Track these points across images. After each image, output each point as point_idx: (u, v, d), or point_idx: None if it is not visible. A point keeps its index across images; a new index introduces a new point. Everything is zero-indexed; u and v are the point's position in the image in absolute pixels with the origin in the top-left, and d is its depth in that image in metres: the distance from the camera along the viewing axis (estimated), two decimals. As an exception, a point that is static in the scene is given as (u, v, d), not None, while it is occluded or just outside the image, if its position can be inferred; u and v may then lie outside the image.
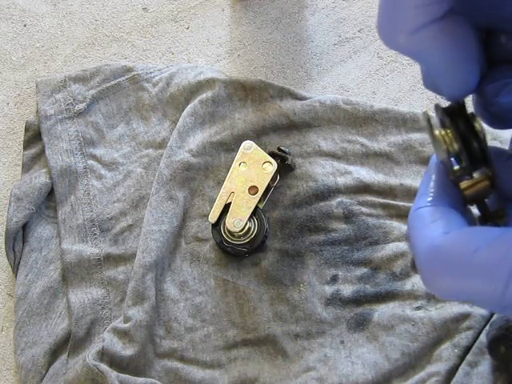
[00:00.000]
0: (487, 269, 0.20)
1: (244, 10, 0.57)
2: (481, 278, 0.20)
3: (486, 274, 0.20)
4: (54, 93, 0.53)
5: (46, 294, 0.48)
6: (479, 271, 0.20)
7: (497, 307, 0.21)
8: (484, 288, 0.20)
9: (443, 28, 0.21)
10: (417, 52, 0.22)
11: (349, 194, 0.49)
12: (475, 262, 0.20)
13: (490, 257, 0.20)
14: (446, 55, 0.22)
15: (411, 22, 0.21)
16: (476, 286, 0.20)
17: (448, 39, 0.21)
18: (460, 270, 0.21)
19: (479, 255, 0.20)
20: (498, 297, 0.20)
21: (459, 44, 0.22)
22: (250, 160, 0.48)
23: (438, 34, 0.21)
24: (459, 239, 0.21)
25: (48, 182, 0.50)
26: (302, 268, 0.47)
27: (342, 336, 0.45)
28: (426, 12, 0.21)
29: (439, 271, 0.21)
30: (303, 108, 0.51)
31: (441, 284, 0.21)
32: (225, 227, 0.47)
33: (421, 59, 0.22)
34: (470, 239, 0.21)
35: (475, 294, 0.21)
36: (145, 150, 0.52)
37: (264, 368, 0.45)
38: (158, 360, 0.46)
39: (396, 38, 0.22)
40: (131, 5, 0.58)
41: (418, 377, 0.43)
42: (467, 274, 0.20)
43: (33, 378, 0.46)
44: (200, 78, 0.52)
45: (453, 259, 0.21)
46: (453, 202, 0.24)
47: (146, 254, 0.47)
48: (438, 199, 0.24)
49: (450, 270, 0.21)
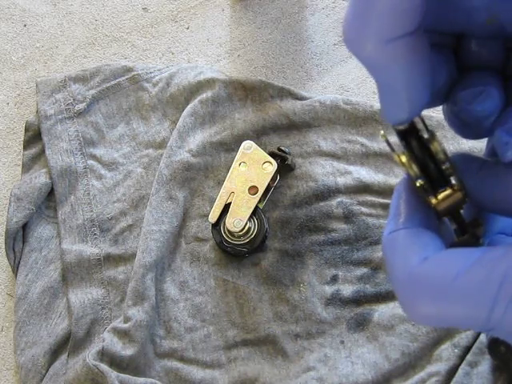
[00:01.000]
0: (469, 296, 0.19)
1: (244, 10, 0.57)
2: (463, 305, 0.20)
3: (469, 301, 0.19)
4: (54, 93, 0.53)
5: (46, 294, 0.48)
6: (461, 299, 0.20)
7: (483, 329, 0.20)
8: (468, 314, 0.20)
9: (412, 43, 0.20)
10: (381, 64, 0.20)
11: (349, 193, 0.49)
12: (456, 290, 0.20)
13: (471, 283, 0.19)
14: (408, 72, 0.21)
15: (385, 31, 0.20)
16: (459, 313, 0.20)
17: (414, 56, 0.20)
18: (440, 298, 0.20)
19: (459, 282, 0.19)
20: (483, 321, 0.19)
21: (421, 62, 0.21)
22: (250, 160, 0.48)
23: (406, 48, 0.20)
24: (437, 266, 0.20)
25: (48, 182, 0.50)
26: (302, 268, 0.47)
27: (342, 336, 0.45)
28: (402, 23, 0.20)
29: (418, 300, 0.20)
30: (303, 108, 0.51)
31: (420, 312, 0.20)
32: (225, 227, 0.47)
33: (381, 73, 0.21)
34: (449, 265, 0.20)
35: (458, 321, 0.20)
36: (145, 150, 0.52)
37: (264, 368, 0.45)
38: (158, 360, 0.46)
39: (364, 46, 0.20)
40: (131, 5, 0.58)
41: (417, 377, 0.43)
42: (448, 303, 0.20)
43: (33, 378, 0.46)
44: (200, 78, 0.52)
45: (432, 288, 0.20)
46: (426, 221, 0.23)
47: (145, 254, 0.47)
48: (410, 220, 0.22)
49: (429, 299, 0.20)
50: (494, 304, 0.19)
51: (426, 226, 0.22)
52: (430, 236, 0.22)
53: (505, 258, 0.19)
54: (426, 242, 0.21)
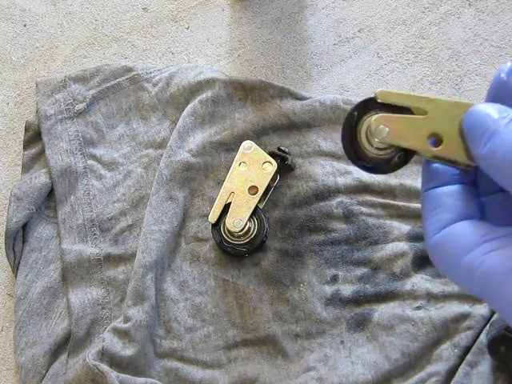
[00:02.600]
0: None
1: (244, 10, 0.57)
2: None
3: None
4: (54, 93, 0.53)
5: (46, 294, 0.48)
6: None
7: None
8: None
9: None
10: None
11: (349, 193, 0.49)
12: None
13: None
14: None
15: None
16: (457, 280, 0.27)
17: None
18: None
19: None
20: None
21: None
22: (250, 160, 0.48)
23: None
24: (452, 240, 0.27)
25: (48, 182, 0.50)
26: (302, 268, 0.47)
27: (342, 336, 0.45)
28: None
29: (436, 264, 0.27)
30: (303, 108, 0.51)
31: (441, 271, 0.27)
32: (225, 227, 0.47)
33: None
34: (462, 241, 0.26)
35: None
36: (145, 150, 0.52)
37: (264, 368, 0.45)
38: (158, 360, 0.46)
39: None
40: (131, 5, 0.58)
41: (417, 377, 0.43)
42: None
43: (33, 377, 0.46)
44: (200, 78, 0.52)
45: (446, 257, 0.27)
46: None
47: (146, 254, 0.47)
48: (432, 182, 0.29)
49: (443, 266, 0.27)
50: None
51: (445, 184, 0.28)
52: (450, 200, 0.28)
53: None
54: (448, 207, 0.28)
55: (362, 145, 0.31)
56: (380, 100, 0.30)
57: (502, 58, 0.53)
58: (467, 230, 0.26)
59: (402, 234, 0.47)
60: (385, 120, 0.29)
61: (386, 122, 0.29)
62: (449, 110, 0.28)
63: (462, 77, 0.53)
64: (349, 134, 0.31)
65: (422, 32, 0.55)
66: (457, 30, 0.54)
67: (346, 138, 0.31)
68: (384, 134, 0.29)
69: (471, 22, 0.55)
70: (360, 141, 0.31)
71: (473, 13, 0.55)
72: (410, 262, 0.46)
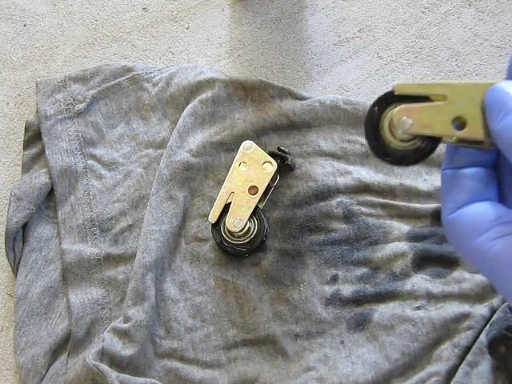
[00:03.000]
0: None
1: (244, 10, 0.57)
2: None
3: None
4: (54, 93, 0.53)
5: (46, 294, 0.48)
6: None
7: None
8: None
9: None
10: None
11: (349, 193, 0.49)
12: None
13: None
14: None
15: None
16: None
17: None
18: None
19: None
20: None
21: None
22: (250, 160, 0.48)
23: None
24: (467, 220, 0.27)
25: (48, 182, 0.50)
26: (302, 268, 0.47)
27: (342, 336, 0.45)
28: None
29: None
30: (303, 108, 0.51)
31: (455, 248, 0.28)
32: (225, 227, 0.47)
33: None
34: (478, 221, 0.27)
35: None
36: (145, 150, 0.52)
37: (264, 368, 0.45)
38: (158, 360, 0.46)
39: None
40: (131, 5, 0.58)
41: (417, 377, 0.43)
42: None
43: (33, 377, 0.46)
44: (200, 78, 0.52)
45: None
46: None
47: (145, 254, 0.47)
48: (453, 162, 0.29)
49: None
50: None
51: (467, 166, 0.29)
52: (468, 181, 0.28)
53: None
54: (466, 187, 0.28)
55: (387, 139, 0.31)
56: (397, 93, 0.30)
57: (502, 58, 0.53)
58: (481, 211, 0.27)
59: (402, 233, 0.47)
60: (406, 111, 0.29)
61: (408, 113, 0.29)
62: (469, 92, 0.28)
63: (461, 77, 0.53)
64: (372, 130, 0.31)
65: (421, 32, 0.55)
66: (457, 30, 0.54)
67: (370, 134, 0.31)
68: (407, 125, 0.29)
69: (471, 21, 0.55)
70: (384, 135, 0.31)
71: (473, 13, 0.55)
72: (410, 262, 0.46)
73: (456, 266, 0.46)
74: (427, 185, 0.48)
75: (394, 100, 0.31)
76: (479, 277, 0.45)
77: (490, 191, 0.28)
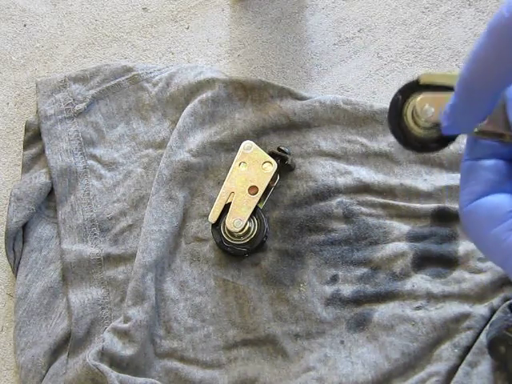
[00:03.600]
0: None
1: (244, 10, 0.57)
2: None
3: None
4: (54, 93, 0.53)
5: (46, 294, 0.48)
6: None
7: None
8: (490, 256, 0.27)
9: None
10: None
11: (349, 193, 0.49)
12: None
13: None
14: None
15: None
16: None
17: None
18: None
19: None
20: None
21: None
22: (250, 160, 0.48)
23: None
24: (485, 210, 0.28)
25: (48, 182, 0.50)
26: (302, 268, 0.47)
27: (342, 336, 0.45)
28: None
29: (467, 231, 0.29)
30: (303, 108, 0.51)
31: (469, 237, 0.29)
32: (225, 227, 0.47)
33: None
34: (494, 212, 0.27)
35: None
36: (145, 150, 0.52)
37: (264, 368, 0.45)
38: (158, 360, 0.46)
39: None
40: (131, 5, 0.58)
41: (417, 377, 0.43)
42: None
43: (33, 378, 0.46)
44: (200, 78, 0.52)
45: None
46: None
47: (145, 254, 0.47)
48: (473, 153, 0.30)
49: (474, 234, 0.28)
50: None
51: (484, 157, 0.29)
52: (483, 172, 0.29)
53: None
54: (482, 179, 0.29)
55: (409, 126, 0.32)
56: (422, 82, 0.31)
57: (502, 58, 0.53)
58: (499, 203, 0.28)
59: (402, 233, 0.47)
60: (429, 100, 0.30)
61: (431, 102, 0.30)
62: None
63: (462, 77, 0.53)
64: (395, 117, 0.32)
65: (422, 32, 0.55)
66: (457, 30, 0.54)
67: (394, 121, 0.32)
68: (430, 113, 0.30)
69: (471, 21, 0.55)
70: (406, 123, 0.32)
71: (473, 13, 0.55)
72: (410, 262, 0.46)
73: (456, 266, 0.46)
74: (427, 185, 0.48)
75: (418, 89, 0.31)
76: (479, 277, 0.45)
77: (507, 184, 0.29)
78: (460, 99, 0.27)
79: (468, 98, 0.26)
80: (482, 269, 0.45)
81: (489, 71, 0.25)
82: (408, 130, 0.32)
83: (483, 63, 0.25)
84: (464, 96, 0.27)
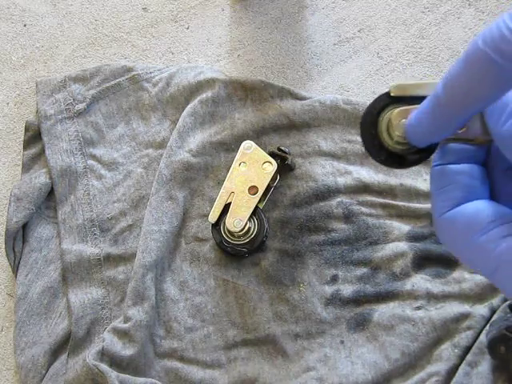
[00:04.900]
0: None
1: (244, 10, 0.57)
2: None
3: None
4: (53, 93, 0.53)
5: (46, 294, 0.48)
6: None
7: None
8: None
9: None
10: None
11: (349, 193, 0.49)
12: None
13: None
14: None
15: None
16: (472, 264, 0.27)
17: None
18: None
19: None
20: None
21: None
22: (250, 160, 0.48)
23: None
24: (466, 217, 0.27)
25: (48, 182, 0.50)
26: (302, 268, 0.47)
27: (342, 336, 0.45)
28: None
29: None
30: (303, 108, 0.51)
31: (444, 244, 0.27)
32: (225, 227, 0.47)
33: None
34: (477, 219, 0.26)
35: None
36: (145, 150, 0.52)
37: (264, 368, 0.45)
38: (158, 360, 0.46)
39: None
40: (131, 5, 0.58)
41: (417, 377, 0.43)
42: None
43: (33, 378, 0.46)
44: (200, 78, 0.52)
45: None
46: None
47: (145, 253, 0.47)
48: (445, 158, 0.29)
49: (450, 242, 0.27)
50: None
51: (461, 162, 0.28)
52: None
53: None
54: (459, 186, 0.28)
55: (385, 141, 0.30)
56: (394, 94, 0.30)
57: (502, 58, 0.53)
58: (479, 211, 0.26)
59: (402, 233, 0.47)
60: (405, 113, 0.29)
61: (407, 115, 0.29)
62: None
63: (461, 77, 0.53)
64: (369, 132, 0.31)
65: (422, 32, 0.55)
66: (457, 30, 0.54)
67: (367, 137, 0.31)
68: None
69: (471, 21, 0.55)
70: (381, 138, 0.30)
71: (473, 13, 0.55)
72: (410, 262, 0.46)
73: (456, 266, 0.46)
74: (427, 185, 0.48)
75: (392, 100, 0.30)
76: (479, 277, 0.45)
77: (484, 189, 0.28)
78: (431, 113, 0.26)
79: (440, 114, 0.26)
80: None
81: (462, 96, 0.25)
82: (384, 145, 0.30)
83: (457, 88, 0.25)
84: (437, 112, 0.26)
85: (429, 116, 0.26)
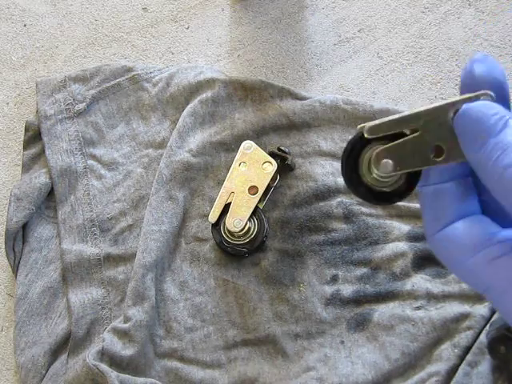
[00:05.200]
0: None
1: (244, 10, 0.57)
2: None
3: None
4: (53, 93, 0.53)
5: (46, 294, 0.48)
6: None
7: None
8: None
9: None
10: None
11: (349, 193, 0.49)
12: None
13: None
14: None
15: None
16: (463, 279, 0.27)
17: None
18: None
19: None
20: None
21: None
22: (250, 160, 0.48)
23: None
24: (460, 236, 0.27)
25: (48, 182, 0.50)
26: (302, 268, 0.47)
27: (342, 336, 0.45)
28: None
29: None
30: (303, 108, 0.51)
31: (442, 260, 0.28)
32: (225, 227, 0.47)
33: None
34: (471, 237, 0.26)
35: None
36: (145, 150, 0.52)
37: (264, 368, 0.45)
38: (158, 360, 0.46)
39: None
40: (131, 5, 0.58)
41: (417, 377, 0.43)
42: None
43: (33, 378, 0.46)
44: (200, 78, 0.52)
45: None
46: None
47: (145, 253, 0.47)
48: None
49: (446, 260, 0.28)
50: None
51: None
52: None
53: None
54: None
55: (369, 183, 0.30)
56: (368, 136, 0.29)
57: (502, 58, 0.53)
58: (467, 231, 0.26)
59: (402, 233, 0.47)
60: (385, 153, 0.28)
61: (387, 154, 0.28)
62: (437, 117, 0.27)
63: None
64: (352, 178, 0.30)
65: (422, 32, 0.55)
66: (457, 30, 0.54)
67: (352, 183, 0.30)
68: (390, 167, 0.28)
69: (471, 21, 0.55)
70: (365, 180, 0.30)
71: (473, 13, 0.55)
72: (410, 262, 0.46)
73: (456, 266, 0.46)
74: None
75: (366, 142, 0.29)
76: (479, 277, 0.45)
77: (471, 203, 0.28)
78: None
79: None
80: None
81: None
82: (369, 186, 0.30)
83: None
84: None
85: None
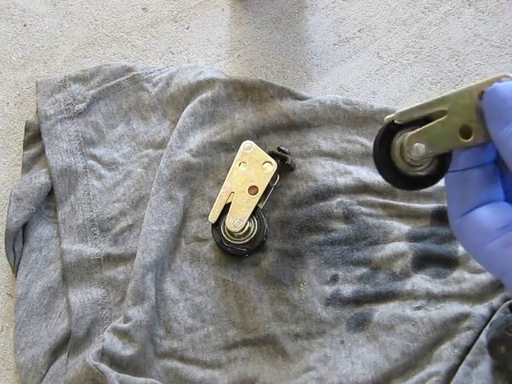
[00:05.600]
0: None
1: (244, 10, 0.57)
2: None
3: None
4: (53, 93, 0.53)
5: (46, 294, 0.48)
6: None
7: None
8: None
9: None
10: None
11: (349, 193, 0.49)
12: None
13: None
14: None
15: None
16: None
17: None
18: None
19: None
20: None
21: None
22: (250, 160, 0.48)
23: None
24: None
25: (48, 182, 0.50)
26: (302, 268, 0.47)
27: (342, 336, 0.45)
28: None
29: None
30: (303, 108, 0.51)
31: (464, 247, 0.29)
32: (225, 227, 0.47)
33: None
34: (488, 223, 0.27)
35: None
36: (145, 150, 0.52)
37: (264, 368, 0.45)
38: (158, 360, 0.46)
39: None
40: (131, 5, 0.58)
41: (417, 377, 0.43)
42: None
43: (33, 378, 0.46)
44: (200, 78, 0.52)
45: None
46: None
47: (145, 254, 0.47)
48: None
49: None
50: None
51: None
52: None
53: None
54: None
55: (402, 168, 0.31)
56: (398, 122, 0.30)
57: (502, 58, 0.53)
58: (487, 216, 0.28)
59: (402, 233, 0.47)
60: (416, 137, 0.30)
61: (419, 138, 0.30)
62: (464, 99, 0.29)
63: (461, 77, 0.53)
64: (383, 161, 0.31)
65: (422, 32, 0.55)
66: (457, 30, 0.54)
67: (385, 169, 0.31)
68: (422, 150, 0.29)
69: (471, 21, 0.55)
70: (400, 166, 0.31)
71: (473, 13, 0.55)
72: (410, 262, 0.46)
73: (456, 266, 0.46)
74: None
75: (397, 128, 0.31)
76: (479, 277, 0.45)
77: (494, 189, 0.29)
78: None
79: None
80: (482, 269, 0.45)
81: None
82: (402, 172, 0.31)
83: None
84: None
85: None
